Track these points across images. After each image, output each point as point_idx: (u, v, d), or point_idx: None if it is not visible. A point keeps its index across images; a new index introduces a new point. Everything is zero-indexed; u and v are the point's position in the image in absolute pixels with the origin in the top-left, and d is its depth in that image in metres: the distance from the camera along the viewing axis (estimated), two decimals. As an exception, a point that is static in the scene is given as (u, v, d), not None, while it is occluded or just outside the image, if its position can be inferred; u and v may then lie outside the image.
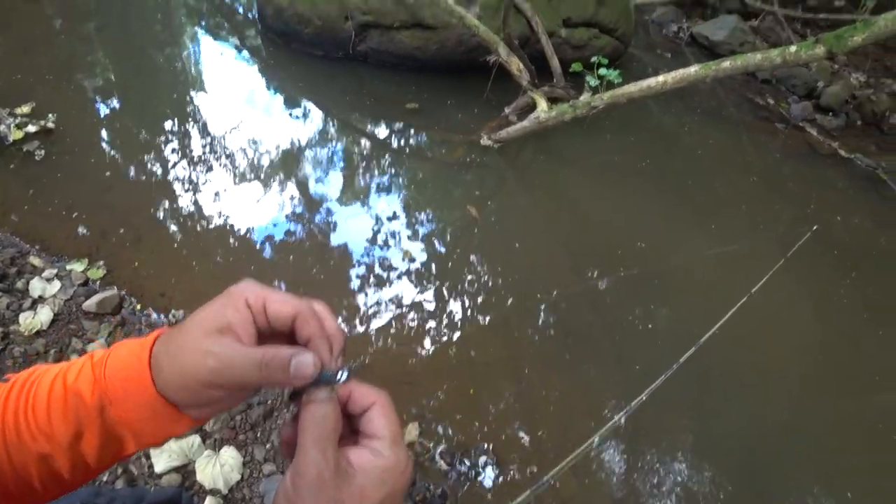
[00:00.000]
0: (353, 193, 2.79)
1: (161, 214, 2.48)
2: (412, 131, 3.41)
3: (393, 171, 3.02)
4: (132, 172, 2.70)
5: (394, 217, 2.66)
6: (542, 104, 3.01)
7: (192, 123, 3.15)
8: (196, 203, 2.56)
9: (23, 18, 3.93)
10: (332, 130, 3.31)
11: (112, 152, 2.81)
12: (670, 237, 2.87)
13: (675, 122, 4.25)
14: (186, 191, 2.62)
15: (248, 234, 2.43)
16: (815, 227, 2.53)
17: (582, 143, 3.49)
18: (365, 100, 3.63)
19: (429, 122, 3.50)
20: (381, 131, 3.42)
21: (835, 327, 2.56)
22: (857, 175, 3.88)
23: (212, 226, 2.45)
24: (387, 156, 3.15)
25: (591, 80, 2.78)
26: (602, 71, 2.76)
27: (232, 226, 2.45)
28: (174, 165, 2.78)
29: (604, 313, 2.39)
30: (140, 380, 0.46)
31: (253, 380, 0.45)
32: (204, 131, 3.09)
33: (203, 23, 4.61)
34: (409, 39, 3.74)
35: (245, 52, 4.09)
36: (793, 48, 2.44)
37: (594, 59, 2.89)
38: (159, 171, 2.73)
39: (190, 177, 2.72)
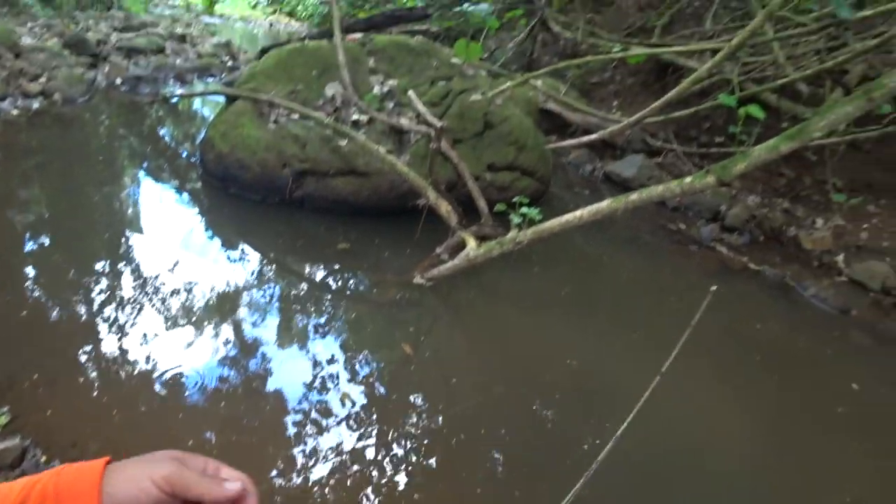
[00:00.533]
0: (286, 337, 2.77)
1: (82, 358, 2.38)
2: (346, 274, 3.49)
3: (327, 313, 3.04)
4: (54, 313, 2.62)
5: (330, 360, 2.64)
6: (471, 243, 3.18)
7: (122, 263, 3.14)
8: (121, 346, 2.48)
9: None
10: (265, 273, 3.35)
11: (33, 291, 2.73)
12: (601, 357, 2.95)
13: (597, 251, 4.54)
14: (112, 333, 2.55)
15: (175, 381, 2.34)
16: (713, 288, 2.68)
17: (512, 277, 3.65)
18: (300, 243, 3.73)
19: (363, 264, 3.60)
20: (316, 274, 3.49)
21: (757, 427, 2.62)
22: (768, 285, 4.20)
23: (136, 371, 2.35)
24: (321, 298, 3.19)
25: (515, 218, 2.99)
26: (524, 209, 2.98)
27: (158, 372, 2.37)
28: (100, 306, 2.71)
29: (549, 439, 2.37)
30: None
31: None
32: (135, 272, 3.07)
33: (145, 165, 4.76)
34: (343, 185, 3.96)
35: (184, 195, 4.20)
36: (688, 179, 2.73)
37: (515, 199, 3.13)
38: (84, 312, 2.66)
39: (116, 318, 2.65)
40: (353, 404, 2.39)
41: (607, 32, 7.66)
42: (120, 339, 2.53)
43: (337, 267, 3.55)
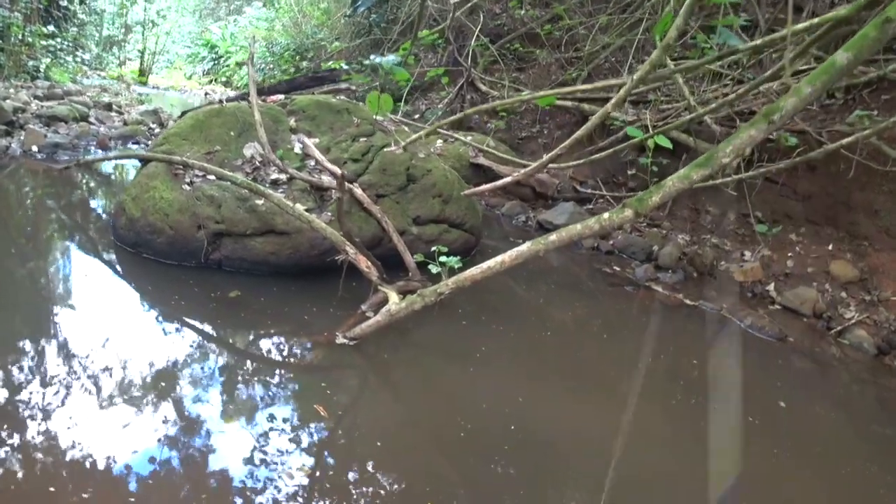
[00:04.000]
0: (199, 409, 2.50)
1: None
2: (265, 337, 3.26)
3: (239, 380, 2.78)
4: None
5: (246, 434, 2.38)
6: (393, 297, 3.03)
7: (19, 340, 2.81)
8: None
9: None
10: (176, 342, 3.07)
11: None
12: (542, 407, 2.80)
13: (536, 297, 4.46)
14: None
15: (66, 466, 2.03)
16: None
17: (445, 330, 3.49)
18: (214, 306, 3.47)
19: (283, 326, 3.39)
20: (232, 339, 3.24)
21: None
22: (706, 319, 4.20)
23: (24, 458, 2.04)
24: (235, 365, 2.94)
25: (433, 269, 2.87)
26: (442, 258, 2.87)
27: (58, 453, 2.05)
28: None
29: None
30: None
31: None
32: (32, 347, 2.75)
33: (52, 234, 4.45)
34: (262, 246, 3.77)
35: (95, 264, 3.91)
36: (606, 215, 2.69)
37: (433, 248, 3.01)
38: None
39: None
40: (265, 478, 2.14)
41: (531, 90, 7.89)
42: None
43: (255, 330, 3.31)
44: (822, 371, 3.73)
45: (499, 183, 3.76)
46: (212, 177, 3.99)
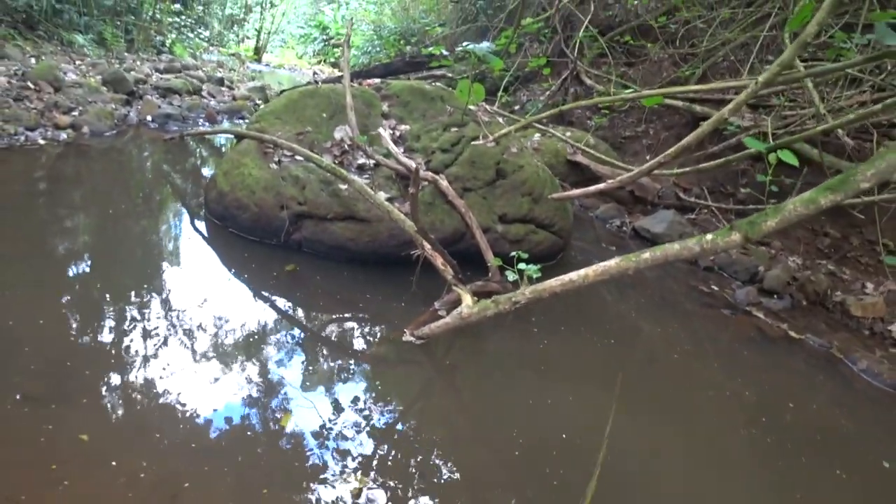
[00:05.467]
0: (255, 384, 2.47)
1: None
2: (332, 324, 3.20)
3: (300, 360, 2.74)
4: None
5: (296, 417, 2.33)
6: (467, 299, 2.87)
7: (102, 304, 2.93)
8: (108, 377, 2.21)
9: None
10: (242, 316, 3.07)
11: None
12: (612, 435, 2.55)
13: (621, 313, 4.15)
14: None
15: (160, 427, 2.05)
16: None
17: (520, 338, 3.30)
18: (291, 285, 3.49)
19: (353, 314, 3.32)
20: (297, 320, 3.21)
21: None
22: (812, 355, 3.74)
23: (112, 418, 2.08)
24: (299, 343, 2.91)
25: (510, 275, 2.68)
26: (521, 266, 2.67)
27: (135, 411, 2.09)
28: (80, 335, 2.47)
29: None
30: None
31: None
32: (109, 311, 2.86)
33: (151, 201, 4.66)
34: (342, 231, 3.73)
35: (185, 234, 4.04)
36: (709, 236, 2.39)
37: (512, 253, 2.82)
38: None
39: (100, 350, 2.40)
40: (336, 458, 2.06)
41: (641, 86, 7.42)
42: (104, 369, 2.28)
43: (322, 314, 3.27)
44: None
45: (591, 189, 3.49)
46: (299, 157, 3.99)
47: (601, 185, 3.45)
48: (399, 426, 2.46)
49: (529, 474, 2.28)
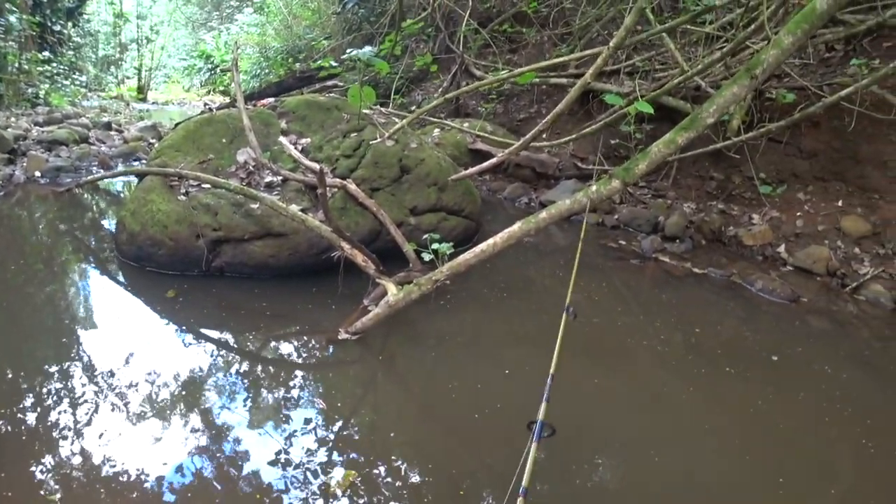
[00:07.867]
0: (205, 413, 2.50)
1: None
2: (269, 338, 3.25)
3: (246, 381, 2.78)
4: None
5: (253, 433, 2.38)
6: (391, 288, 3.00)
7: (32, 362, 2.82)
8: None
9: None
10: (178, 349, 3.06)
11: None
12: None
13: (542, 278, 4.42)
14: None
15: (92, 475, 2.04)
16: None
17: (452, 318, 3.46)
18: (221, 312, 3.49)
19: (287, 326, 3.39)
20: (237, 342, 3.22)
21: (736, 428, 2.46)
22: (716, 285, 4.14)
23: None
24: (242, 367, 2.93)
25: (427, 256, 2.84)
26: (434, 245, 2.83)
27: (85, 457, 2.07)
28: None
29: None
30: None
31: None
32: (45, 367, 2.77)
33: (57, 255, 4.47)
34: (261, 249, 3.76)
35: (100, 281, 3.93)
36: (594, 187, 2.64)
37: (424, 236, 2.98)
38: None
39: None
40: (282, 476, 2.13)
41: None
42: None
43: (258, 332, 3.31)
44: (840, 330, 3.64)
45: (485, 165, 3.71)
46: (207, 185, 3.99)
47: (493, 160, 3.68)
48: (352, 420, 2.56)
49: (481, 435, 2.44)
